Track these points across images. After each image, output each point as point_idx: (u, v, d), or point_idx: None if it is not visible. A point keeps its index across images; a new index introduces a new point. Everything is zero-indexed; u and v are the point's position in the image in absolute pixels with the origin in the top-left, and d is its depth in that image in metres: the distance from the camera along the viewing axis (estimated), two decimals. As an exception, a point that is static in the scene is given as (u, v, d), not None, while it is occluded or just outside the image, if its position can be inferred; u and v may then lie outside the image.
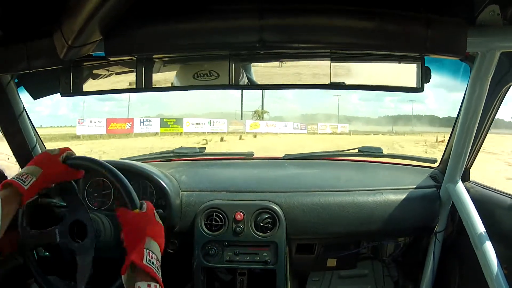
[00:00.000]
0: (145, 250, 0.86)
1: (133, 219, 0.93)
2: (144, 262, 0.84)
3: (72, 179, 1.06)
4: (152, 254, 0.87)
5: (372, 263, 1.68)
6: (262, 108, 35.82)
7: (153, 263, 0.86)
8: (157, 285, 0.84)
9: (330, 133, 29.57)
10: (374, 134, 29.53)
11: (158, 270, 0.86)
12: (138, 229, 0.91)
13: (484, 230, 1.21)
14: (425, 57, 0.97)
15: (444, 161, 1.51)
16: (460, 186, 1.36)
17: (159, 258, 0.89)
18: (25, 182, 0.94)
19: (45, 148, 1.53)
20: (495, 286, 1.12)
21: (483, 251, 1.17)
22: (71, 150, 1.07)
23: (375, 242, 1.61)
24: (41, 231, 1.04)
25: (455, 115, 1.36)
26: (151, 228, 0.92)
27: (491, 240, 1.19)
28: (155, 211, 0.97)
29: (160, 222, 0.96)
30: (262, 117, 33.45)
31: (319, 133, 28.56)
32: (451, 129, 1.45)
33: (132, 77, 1.04)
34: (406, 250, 1.62)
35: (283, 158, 1.77)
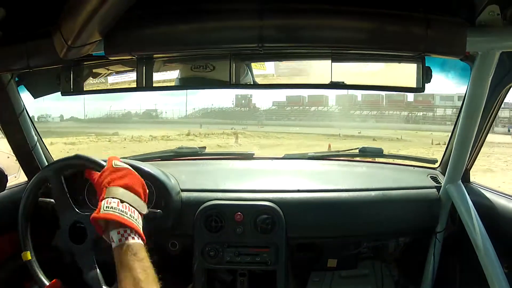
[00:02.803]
0: (102, 201, 0.83)
1: (97, 178, 0.91)
2: (101, 211, 0.81)
3: None
4: (110, 200, 0.83)
5: (373, 263, 1.67)
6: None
7: (112, 207, 0.82)
8: (128, 229, 0.81)
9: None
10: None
11: (126, 213, 0.83)
12: (99, 184, 0.89)
13: (484, 230, 1.21)
14: (425, 57, 0.97)
15: (445, 161, 1.50)
16: (461, 187, 1.36)
17: (134, 202, 0.86)
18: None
19: (45, 146, 1.52)
20: (496, 286, 1.12)
21: (483, 251, 1.17)
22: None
23: (375, 242, 1.61)
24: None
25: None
26: (110, 178, 0.89)
27: (491, 240, 1.19)
28: (114, 162, 0.93)
29: (125, 166, 0.92)
30: None
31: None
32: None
33: (133, 76, 1.04)
34: (407, 250, 1.62)
35: (283, 158, 1.77)
